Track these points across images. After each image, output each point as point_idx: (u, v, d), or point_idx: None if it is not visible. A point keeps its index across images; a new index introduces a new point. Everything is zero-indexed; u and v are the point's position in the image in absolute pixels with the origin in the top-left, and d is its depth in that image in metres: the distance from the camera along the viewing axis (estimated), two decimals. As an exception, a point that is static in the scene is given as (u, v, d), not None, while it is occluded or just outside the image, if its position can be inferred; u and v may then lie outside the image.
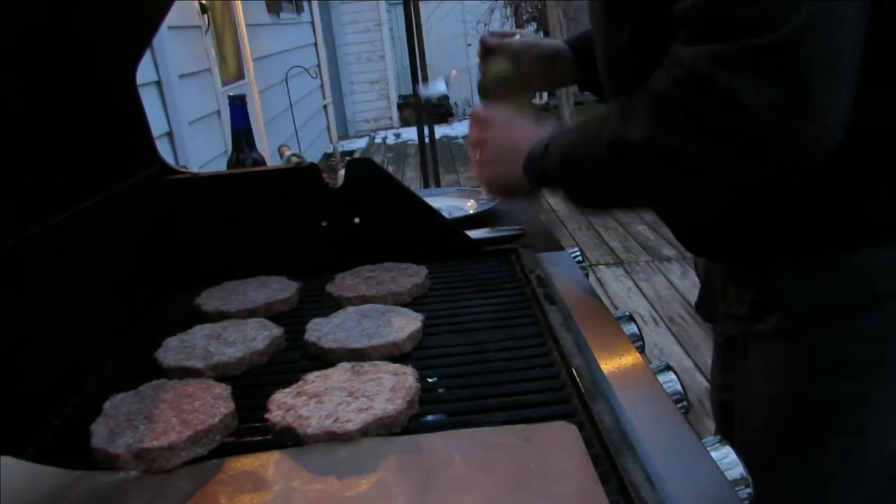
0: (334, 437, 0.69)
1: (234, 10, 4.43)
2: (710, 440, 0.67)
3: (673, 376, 0.79)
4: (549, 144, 0.85)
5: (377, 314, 0.95)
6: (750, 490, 0.63)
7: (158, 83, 2.88)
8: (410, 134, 8.12)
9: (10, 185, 0.87)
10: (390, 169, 6.99)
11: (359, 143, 9.12)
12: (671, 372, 0.80)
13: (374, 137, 9.48)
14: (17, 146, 0.90)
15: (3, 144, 0.87)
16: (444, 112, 9.41)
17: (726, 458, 0.64)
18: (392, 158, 7.96)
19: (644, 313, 3.29)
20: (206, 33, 3.65)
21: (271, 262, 1.18)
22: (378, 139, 9.37)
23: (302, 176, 1.17)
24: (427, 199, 1.21)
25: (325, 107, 7.81)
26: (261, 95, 4.73)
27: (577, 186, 0.85)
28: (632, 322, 0.97)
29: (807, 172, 0.68)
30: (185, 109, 3.04)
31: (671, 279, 3.67)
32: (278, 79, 5.38)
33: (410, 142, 8.28)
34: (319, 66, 7.62)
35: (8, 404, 0.75)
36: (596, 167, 0.78)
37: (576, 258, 1.19)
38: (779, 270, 0.84)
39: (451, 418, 0.74)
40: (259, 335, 0.93)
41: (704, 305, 1.05)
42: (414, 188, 1.35)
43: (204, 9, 3.59)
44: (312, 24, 7.61)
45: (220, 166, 1.73)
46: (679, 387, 0.78)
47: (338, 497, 0.61)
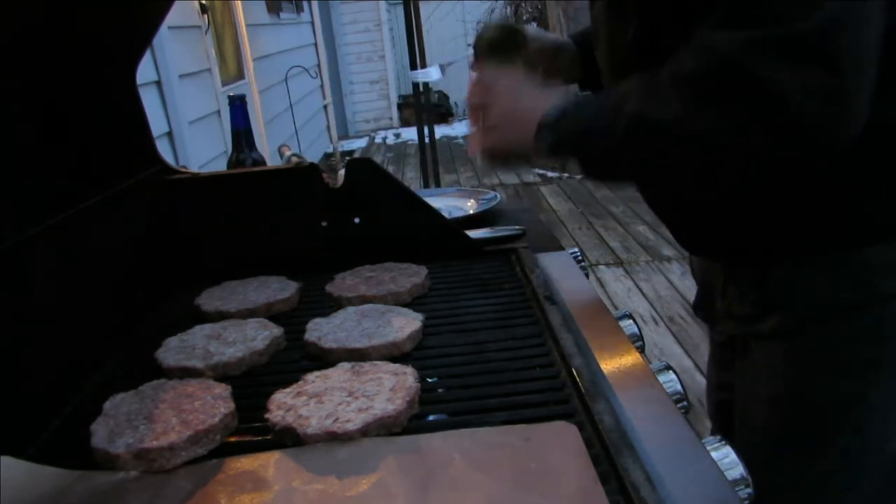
0: (334, 437, 0.69)
1: (234, 10, 4.43)
2: (710, 440, 0.67)
3: (673, 376, 0.79)
4: (563, 114, 0.82)
5: (377, 314, 0.95)
6: (750, 490, 0.63)
7: (158, 83, 2.88)
8: (410, 134, 8.11)
9: (10, 185, 0.87)
10: (390, 169, 6.98)
11: (359, 143, 9.11)
12: (671, 372, 0.80)
13: (374, 137, 9.47)
14: (17, 146, 0.90)
15: (3, 144, 0.87)
16: (444, 112, 9.40)
17: (726, 458, 0.64)
18: (392, 158, 7.96)
19: (644, 313, 3.29)
20: (206, 33, 3.65)
21: (271, 262, 1.18)
22: (378, 139, 9.36)
23: (302, 176, 1.17)
24: (427, 199, 1.21)
25: (325, 107, 7.81)
26: (261, 95, 4.73)
27: (591, 158, 0.83)
28: (632, 322, 0.97)
29: (830, 159, 0.69)
30: (185, 109, 3.04)
31: (671, 279, 3.67)
32: (278, 79, 5.38)
33: (410, 142, 8.27)
34: (319, 66, 7.62)
35: (8, 404, 0.75)
36: (614, 141, 0.77)
37: (576, 258, 1.19)
38: (779, 270, 0.84)
39: (451, 418, 0.74)
40: (259, 335, 0.93)
41: (702, 306, 1.05)
42: (414, 188, 1.35)
43: (204, 9, 3.59)
44: (312, 24, 7.61)
45: (220, 166, 1.73)
46: (679, 387, 0.78)
47: (338, 497, 0.61)
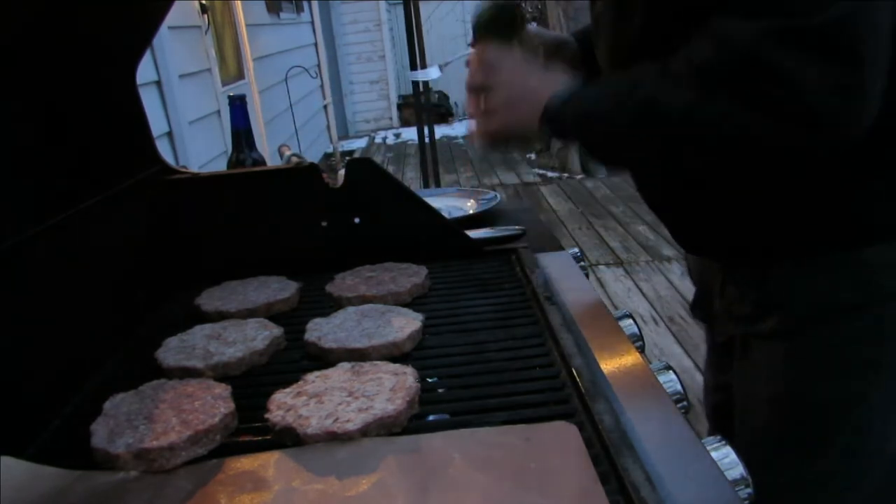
0: (334, 437, 0.69)
1: (234, 10, 4.43)
2: (710, 440, 0.67)
3: (673, 376, 0.79)
4: (571, 96, 0.82)
5: (377, 314, 0.95)
6: (750, 490, 0.63)
7: (158, 83, 2.88)
8: (410, 134, 8.12)
9: (10, 185, 0.87)
10: (390, 169, 6.98)
11: (359, 143, 9.11)
12: (671, 372, 0.80)
13: (373, 137, 9.47)
14: (17, 146, 0.90)
15: (3, 144, 0.87)
16: (444, 112, 9.40)
17: (726, 458, 0.64)
18: (392, 158, 7.96)
19: (644, 313, 3.29)
20: (206, 33, 3.65)
21: (271, 262, 1.18)
22: (378, 139, 9.36)
23: (302, 176, 1.17)
24: (427, 199, 1.21)
25: (325, 107, 7.81)
26: (261, 95, 4.73)
27: (599, 142, 0.82)
28: (632, 322, 0.97)
29: (841, 151, 0.70)
30: (185, 109, 3.04)
31: (671, 279, 3.67)
32: (278, 79, 5.38)
33: (410, 142, 8.27)
34: (319, 66, 7.62)
35: (8, 404, 0.75)
36: (623, 126, 0.76)
37: (576, 258, 1.19)
38: (779, 270, 0.84)
39: (451, 418, 0.74)
40: (259, 335, 0.93)
41: (701, 306, 1.05)
42: (414, 188, 1.35)
43: (204, 9, 3.59)
44: (312, 24, 7.60)
45: (220, 166, 1.73)
46: (679, 387, 0.78)
47: (338, 497, 0.61)
